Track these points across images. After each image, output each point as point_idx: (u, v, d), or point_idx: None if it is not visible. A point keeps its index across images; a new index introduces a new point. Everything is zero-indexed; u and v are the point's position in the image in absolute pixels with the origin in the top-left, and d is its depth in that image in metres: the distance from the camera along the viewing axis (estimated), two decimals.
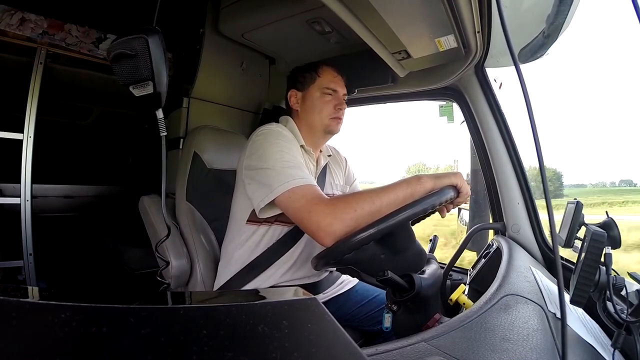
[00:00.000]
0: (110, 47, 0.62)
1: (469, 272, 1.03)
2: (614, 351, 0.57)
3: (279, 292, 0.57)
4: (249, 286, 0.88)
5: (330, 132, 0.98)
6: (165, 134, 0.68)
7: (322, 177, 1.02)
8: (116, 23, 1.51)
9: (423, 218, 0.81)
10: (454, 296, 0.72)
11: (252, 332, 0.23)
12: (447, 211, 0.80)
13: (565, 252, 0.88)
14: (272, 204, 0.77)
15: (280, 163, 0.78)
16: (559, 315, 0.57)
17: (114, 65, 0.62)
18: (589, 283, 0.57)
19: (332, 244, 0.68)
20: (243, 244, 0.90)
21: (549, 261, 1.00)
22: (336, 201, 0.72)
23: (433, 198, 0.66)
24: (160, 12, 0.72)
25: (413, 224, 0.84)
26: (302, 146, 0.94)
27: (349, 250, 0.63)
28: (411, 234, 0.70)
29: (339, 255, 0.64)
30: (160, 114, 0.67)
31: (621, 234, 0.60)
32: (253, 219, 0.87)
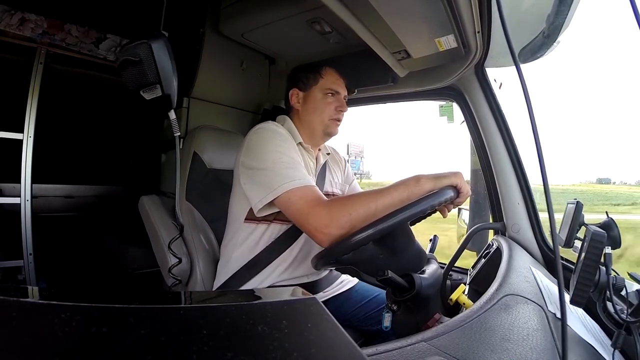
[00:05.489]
0: (117, 54, 0.63)
1: (469, 272, 1.03)
2: (614, 351, 0.57)
3: (279, 291, 0.57)
4: (248, 285, 0.89)
5: (328, 133, 0.98)
6: (178, 134, 0.69)
7: (321, 175, 1.02)
8: (116, 23, 1.51)
9: (423, 218, 0.81)
10: (454, 296, 0.72)
11: (252, 332, 0.23)
12: (448, 211, 0.80)
13: (565, 252, 0.88)
14: (270, 203, 0.78)
15: (278, 164, 0.78)
16: (559, 315, 0.57)
17: (122, 72, 0.62)
18: (589, 283, 0.57)
19: (329, 245, 0.68)
20: (242, 242, 0.90)
21: (549, 261, 0.99)
22: (333, 204, 0.73)
23: (431, 199, 0.66)
24: (160, 12, 0.72)
25: (413, 224, 0.84)
26: (300, 143, 0.94)
27: (346, 251, 0.64)
28: (410, 235, 0.70)
29: (337, 256, 0.65)
30: (172, 115, 0.67)
31: None
32: (251, 217, 0.87)
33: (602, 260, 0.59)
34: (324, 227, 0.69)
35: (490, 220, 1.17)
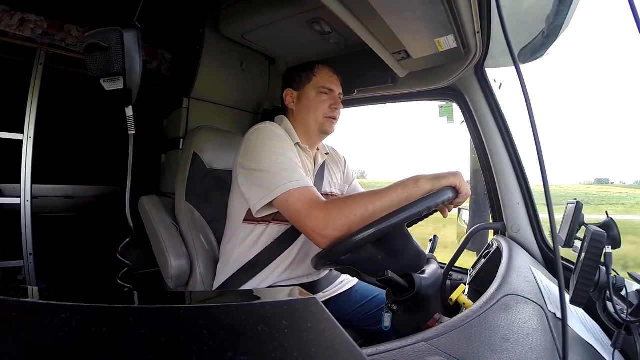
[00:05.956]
0: (84, 36, 0.60)
1: (469, 272, 1.03)
2: (614, 351, 0.57)
3: (279, 291, 0.57)
4: (248, 285, 0.89)
5: (324, 131, 0.98)
6: (133, 132, 0.66)
7: (320, 175, 1.02)
8: (116, 24, 1.50)
9: (422, 219, 0.81)
10: (454, 296, 0.72)
11: (252, 332, 0.23)
12: (448, 211, 0.80)
13: (565, 252, 0.88)
14: (269, 204, 0.78)
15: (276, 165, 0.78)
16: (559, 315, 0.57)
17: (87, 56, 0.60)
18: (589, 283, 0.57)
19: (326, 247, 0.69)
20: (241, 243, 0.90)
21: (549, 261, 0.99)
22: (331, 205, 0.73)
23: (429, 200, 0.66)
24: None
25: (412, 224, 0.84)
26: (297, 144, 0.94)
27: (344, 252, 0.64)
28: (407, 237, 0.69)
29: (335, 257, 0.65)
30: (129, 111, 0.65)
31: None
32: (250, 218, 0.87)
33: (602, 260, 0.59)
34: (321, 229, 0.70)
35: (490, 220, 1.17)
